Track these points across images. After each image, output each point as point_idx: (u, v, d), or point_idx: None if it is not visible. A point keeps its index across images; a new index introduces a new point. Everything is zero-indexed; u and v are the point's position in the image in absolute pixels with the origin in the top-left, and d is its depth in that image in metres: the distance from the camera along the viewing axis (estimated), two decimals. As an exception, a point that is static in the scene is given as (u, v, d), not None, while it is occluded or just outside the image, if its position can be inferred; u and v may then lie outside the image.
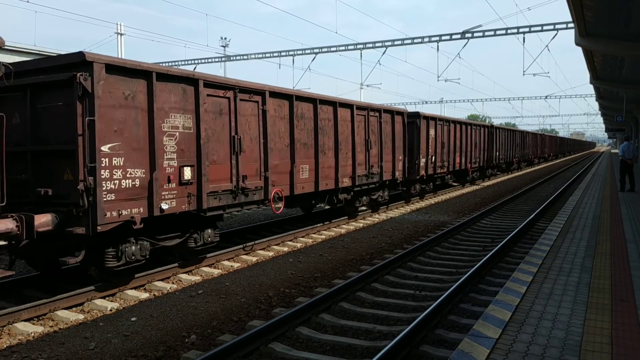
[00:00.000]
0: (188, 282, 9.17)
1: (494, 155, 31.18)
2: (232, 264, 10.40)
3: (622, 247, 8.93)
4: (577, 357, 4.42)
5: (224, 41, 49.96)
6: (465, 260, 10.61)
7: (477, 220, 15.46)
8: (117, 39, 34.63)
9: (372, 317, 7.29)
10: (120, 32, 34.64)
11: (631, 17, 14.15)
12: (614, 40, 16.73)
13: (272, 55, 33.12)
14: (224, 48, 49.38)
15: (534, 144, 49.13)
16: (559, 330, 5.05)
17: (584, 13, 13.94)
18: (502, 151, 34.10)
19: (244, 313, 7.51)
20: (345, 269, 10.09)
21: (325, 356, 5.95)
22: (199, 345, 6.33)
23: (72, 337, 6.62)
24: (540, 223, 14.81)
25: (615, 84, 27.86)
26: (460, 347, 4.64)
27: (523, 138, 42.31)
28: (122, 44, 34.61)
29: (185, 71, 9.09)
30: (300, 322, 6.88)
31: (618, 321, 5.30)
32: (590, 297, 6.11)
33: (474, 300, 7.93)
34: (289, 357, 5.92)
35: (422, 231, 14.16)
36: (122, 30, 34.71)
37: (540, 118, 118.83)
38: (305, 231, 13.56)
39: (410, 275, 9.52)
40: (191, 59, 37.50)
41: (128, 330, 6.87)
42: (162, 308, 7.72)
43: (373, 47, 29.04)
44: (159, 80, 8.21)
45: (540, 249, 8.80)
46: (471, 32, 25.49)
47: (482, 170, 30.34)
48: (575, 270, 7.34)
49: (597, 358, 4.40)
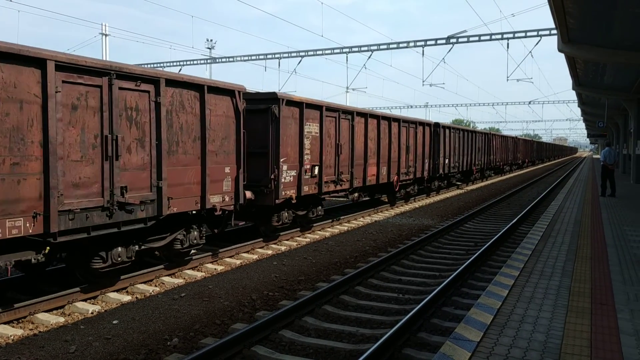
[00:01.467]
0: (171, 284, 9.11)
1: (440, 162, 24.14)
2: (216, 266, 10.35)
3: (602, 251, 9.05)
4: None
5: (209, 43, 49.80)
6: (448, 264, 10.68)
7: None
8: (102, 39, 34.38)
9: (356, 320, 7.31)
10: (105, 32, 34.40)
11: (612, 24, 14.39)
12: (596, 46, 17.00)
13: (258, 57, 33.12)
14: (209, 50, 49.23)
15: (504, 148, 42.02)
16: (539, 333, 5.11)
17: (567, 20, 14.14)
18: (456, 157, 27.02)
19: (227, 316, 7.48)
20: (329, 272, 10.10)
21: (308, 359, 5.94)
22: (181, 349, 6.30)
23: (52, 340, 6.54)
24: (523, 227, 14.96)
25: (597, 90, 28.28)
26: (442, 350, 4.66)
27: (488, 141, 34.94)
28: (106, 44, 34.36)
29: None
30: (283, 325, 6.87)
31: (597, 324, 5.37)
32: (570, 301, 6.18)
33: (457, 303, 7.98)
34: (272, 361, 5.90)
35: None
36: (107, 31, 34.47)
37: (523, 123, 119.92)
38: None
39: (394, 278, 9.56)
40: (177, 61, 37.37)
41: (109, 333, 6.80)
42: (144, 311, 7.66)
43: (359, 51, 29.16)
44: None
45: (522, 252, 8.89)
46: (456, 37, 25.71)
47: (422, 183, 22.76)
48: (556, 274, 7.42)
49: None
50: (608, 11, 13.03)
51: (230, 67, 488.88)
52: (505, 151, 42.19)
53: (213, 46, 49.50)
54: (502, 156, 40.75)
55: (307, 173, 13.09)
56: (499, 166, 39.71)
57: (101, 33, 34.38)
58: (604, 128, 40.66)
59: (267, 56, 32.59)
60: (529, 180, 36.84)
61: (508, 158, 43.98)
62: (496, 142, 38.07)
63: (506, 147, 42.84)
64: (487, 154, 34.53)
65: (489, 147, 34.87)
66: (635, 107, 26.19)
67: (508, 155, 43.90)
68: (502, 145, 41.13)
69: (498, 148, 38.70)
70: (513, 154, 46.68)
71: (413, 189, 21.61)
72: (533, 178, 40.15)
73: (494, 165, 37.51)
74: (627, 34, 15.43)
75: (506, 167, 44.21)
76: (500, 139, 40.69)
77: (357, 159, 15.72)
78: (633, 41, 15.93)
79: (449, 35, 25.89)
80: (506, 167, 44.21)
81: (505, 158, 42.31)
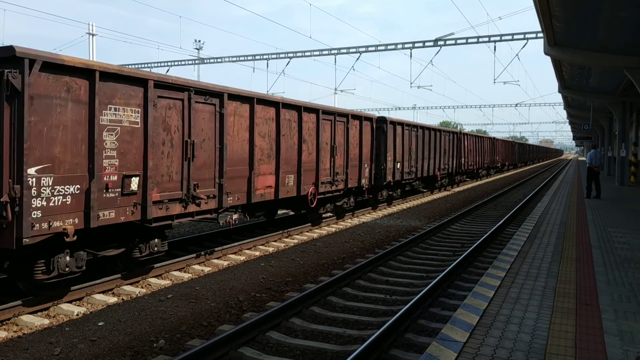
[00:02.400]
0: (157, 286, 9.06)
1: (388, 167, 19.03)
2: (203, 268, 10.31)
3: (587, 253, 9.14)
4: (542, 360, 4.50)
5: (198, 44, 49.68)
6: (435, 265, 10.73)
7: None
8: (89, 39, 34.12)
9: (343, 321, 7.31)
10: (92, 32, 34.13)
11: (598, 27, 14.54)
12: (582, 50, 17.20)
13: (247, 58, 33.09)
14: (197, 51, 49.09)
15: (478, 150, 36.07)
16: (525, 334, 5.14)
17: (553, 23, 14.28)
18: (413, 161, 21.96)
19: (214, 317, 7.45)
20: (317, 273, 10.09)
21: (295, 360, 5.94)
22: (168, 350, 6.26)
23: (37, 342, 6.48)
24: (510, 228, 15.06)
25: (582, 93, 28.60)
26: (428, 350, 4.68)
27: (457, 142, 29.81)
28: (93, 44, 34.10)
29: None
30: (270, 326, 6.85)
31: (582, 325, 5.42)
32: (555, 302, 6.23)
33: (444, 304, 8.01)
34: (259, 362, 5.89)
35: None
36: (94, 31, 34.21)
37: (510, 125, 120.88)
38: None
39: (381, 279, 9.58)
40: (164, 61, 37.20)
41: (95, 335, 6.74)
42: (130, 312, 7.60)
43: (347, 52, 29.25)
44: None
45: (508, 254, 8.95)
46: (444, 39, 25.87)
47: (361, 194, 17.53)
48: (542, 275, 7.48)
49: (561, 361, 4.49)
50: (594, 14, 13.18)
51: (218, 68, 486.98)
52: (480, 153, 37.00)
53: (201, 47, 49.40)
54: (476, 159, 35.52)
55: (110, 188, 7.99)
56: (472, 170, 34.80)
57: (88, 33, 34.11)
58: (590, 130, 41.14)
59: (255, 57, 32.58)
60: (508, 186, 34.68)
61: (484, 161, 38.74)
62: (468, 143, 33.09)
63: (481, 149, 37.55)
64: (456, 156, 29.85)
65: (459, 149, 30.28)
66: (620, 110, 26.50)
67: (484, 157, 38.75)
68: (477, 146, 35.88)
69: (471, 150, 34.08)
70: (490, 156, 41.49)
71: (347, 203, 16.64)
72: (511, 184, 39.71)
73: (466, 169, 32.45)
74: (612, 37, 15.63)
75: (482, 171, 39.34)
76: (474, 140, 35.15)
77: (231, 164, 10.71)
78: (618, 44, 16.14)
79: (436, 38, 26.06)
80: (482, 171, 39.34)
81: (480, 161, 37.04)
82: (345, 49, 29.22)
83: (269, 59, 32.03)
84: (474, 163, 35.06)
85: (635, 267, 8.12)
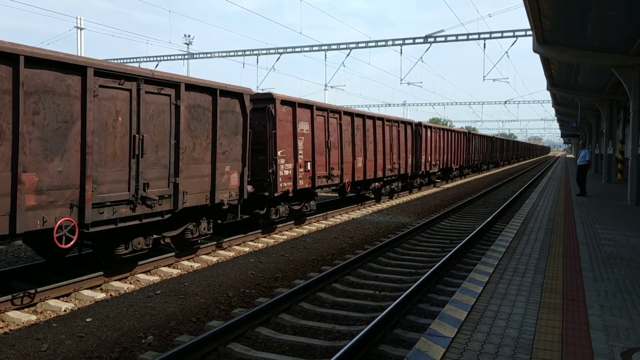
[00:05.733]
0: (146, 282, 9.02)
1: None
2: (192, 264, 10.28)
3: (574, 249, 9.22)
4: (529, 356, 4.54)
5: (187, 39, 49.39)
6: (424, 261, 10.77)
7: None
8: (77, 33, 33.80)
9: (332, 317, 7.33)
10: (80, 26, 33.82)
11: (586, 26, 14.65)
12: (570, 48, 17.31)
13: (237, 54, 32.93)
14: (187, 45, 48.81)
15: (448, 147, 30.41)
16: (512, 329, 5.18)
17: (542, 21, 14.36)
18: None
19: (203, 313, 7.44)
20: (306, 269, 10.10)
21: (284, 356, 5.94)
22: (156, 346, 6.24)
23: (24, 338, 6.43)
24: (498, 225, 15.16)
25: (570, 91, 28.81)
26: (417, 346, 4.71)
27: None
28: (81, 38, 33.79)
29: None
30: (259, 322, 6.85)
31: (568, 320, 5.47)
32: (542, 297, 6.29)
33: (432, 300, 8.05)
34: (248, 358, 5.89)
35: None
36: (82, 25, 33.89)
37: (499, 123, 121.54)
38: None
39: (370, 275, 9.60)
40: (153, 56, 36.95)
41: (83, 331, 6.71)
42: (118, 308, 7.57)
43: (338, 48, 29.21)
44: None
45: (496, 250, 9.01)
46: (434, 36, 25.92)
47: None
48: (529, 271, 7.54)
49: (547, 356, 4.54)
50: (582, 13, 13.27)
51: (207, 63, 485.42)
52: (451, 151, 31.17)
53: (191, 42, 49.13)
54: (444, 157, 29.62)
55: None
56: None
57: (76, 27, 33.80)
58: (577, 128, 41.43)
59: (245, 52, 32.45)
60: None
61: (456, 160, 32.53)
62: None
63: (455, 146, 32.04)
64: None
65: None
66: (608, 108, 26.74)
67: (457, 156, 32.77)
68: (445, 142, 29.74)
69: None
70: (465, 154, 35.20)
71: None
72: (507, 177, 40.40)
73: (427, 171, 26.65)
74: (600, 36, 15.74)
75: (454, 171, 33.54)
76: (440, 134, 28.77)
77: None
78: (606, 43, 16.26)
79: (427, 35, 26.10)
80: (454, 171, 33.54)
81: (448, 160, 30.69)
82: (336, 45, 29.18)
83: (259, 54, 31.93)
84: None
85: (621, 263, 8.21)
